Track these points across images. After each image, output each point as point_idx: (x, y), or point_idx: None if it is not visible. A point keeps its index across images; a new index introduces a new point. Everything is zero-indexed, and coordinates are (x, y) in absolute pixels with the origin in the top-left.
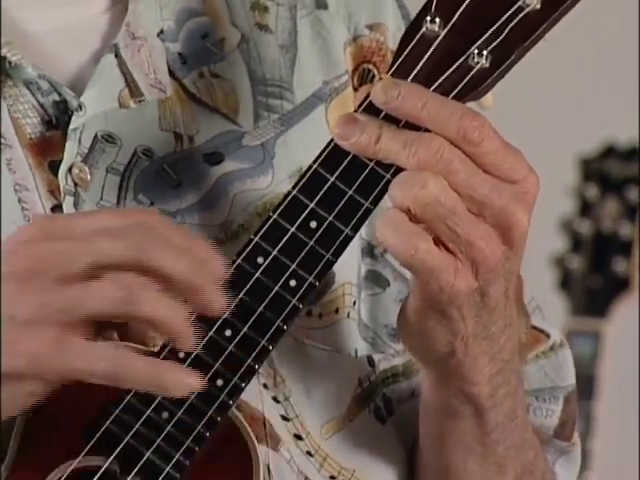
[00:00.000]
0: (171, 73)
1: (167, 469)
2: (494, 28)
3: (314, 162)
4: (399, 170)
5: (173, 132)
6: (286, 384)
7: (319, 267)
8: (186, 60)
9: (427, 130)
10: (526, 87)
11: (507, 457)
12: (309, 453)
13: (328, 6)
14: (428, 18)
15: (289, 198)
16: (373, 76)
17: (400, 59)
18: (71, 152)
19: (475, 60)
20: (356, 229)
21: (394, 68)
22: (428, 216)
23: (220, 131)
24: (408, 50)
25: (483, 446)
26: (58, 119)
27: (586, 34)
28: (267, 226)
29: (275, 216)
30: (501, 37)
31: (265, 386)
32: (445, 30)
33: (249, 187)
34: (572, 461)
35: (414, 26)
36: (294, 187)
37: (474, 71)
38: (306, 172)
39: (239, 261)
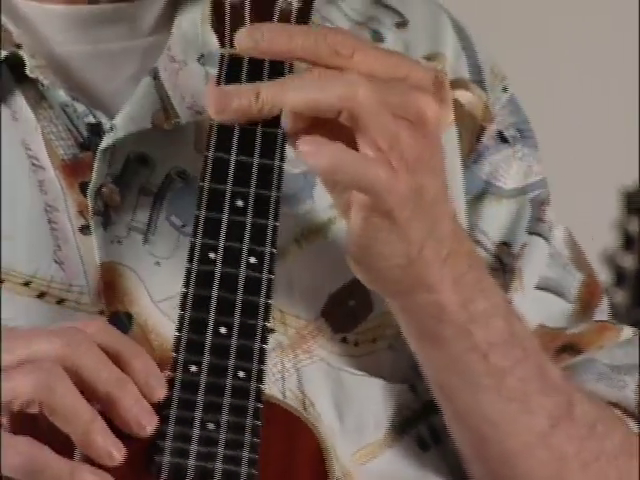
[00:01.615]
0: None
1: (246, 470)
2: None
3: (207, 150)
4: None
5: None
6: (315, 408)
7: (268, 235)
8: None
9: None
10: (567, 121)
11: (526, 392)
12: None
13: (385, 39)
14: None
15: (205, 192)
16: None
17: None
18: (100, 173)
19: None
20: (279, 187)
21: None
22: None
23: None
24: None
25: (489, 376)
26: (90, 140)
27: (626, 69)
28: (201, 224)
29: (203, 212)
30: None
31: None
32: None
33: (287, 212)
34: None
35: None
36: (202, 181)
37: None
38: (206, 163)
39: (193, 267)
